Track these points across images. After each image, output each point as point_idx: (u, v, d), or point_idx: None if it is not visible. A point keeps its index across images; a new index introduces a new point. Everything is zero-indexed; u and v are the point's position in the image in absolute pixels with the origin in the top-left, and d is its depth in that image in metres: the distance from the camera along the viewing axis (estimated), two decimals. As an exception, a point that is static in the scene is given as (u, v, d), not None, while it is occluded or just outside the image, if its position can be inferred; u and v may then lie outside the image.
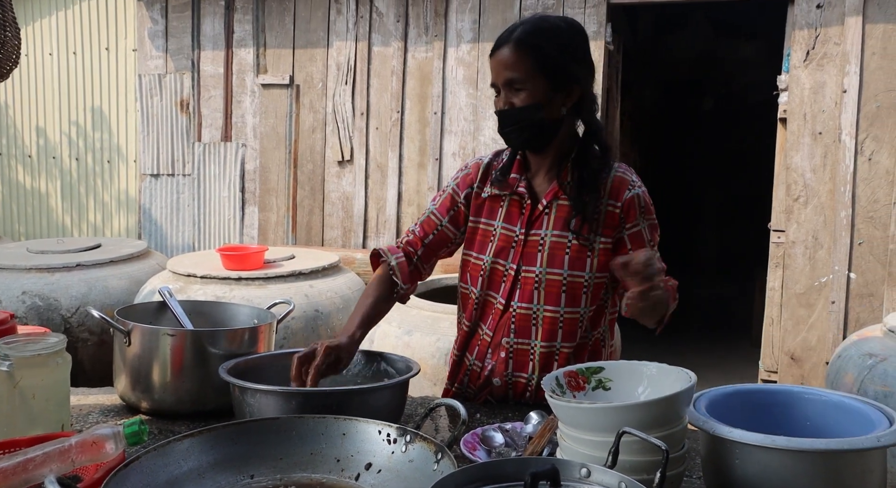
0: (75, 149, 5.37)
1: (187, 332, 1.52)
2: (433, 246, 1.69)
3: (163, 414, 1.53)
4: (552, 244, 1.56)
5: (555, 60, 1.48)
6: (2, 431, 1.20)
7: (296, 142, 4.68)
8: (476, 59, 4.27)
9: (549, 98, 1.49)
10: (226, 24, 4.78)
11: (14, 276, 3.82)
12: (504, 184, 1.61)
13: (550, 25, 1.52)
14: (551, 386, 1.15)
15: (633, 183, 1.57)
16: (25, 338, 1.24)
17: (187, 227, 5.00)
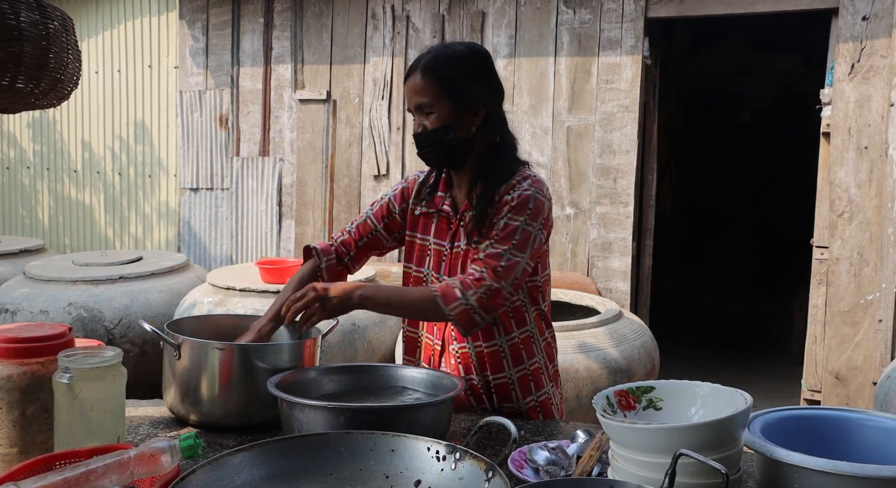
0: (118, 164, 5.51)
1: (236, 347, 1.54)
2: (365, 248, 1.82)
3: (211, 427, 1.55)
4: (464, 253, 1.67)
5: (457, 84, 1.58)
6: (62, 442, 1.23)
7: (332, 157, 4.74)
8: (512, 74, 4.29)
9: (457, 119, 1.59)
10: (264, 40, 4.88)
11: (61, 288, 3.93)
12: (431, 202, 1.72)
13: (453, 52, 1.63)
14: (602, 405, 1.14)
15: (519, 186, 1.60)
16: (84, 351, 1.27)
17: (225, 240, 5.08)
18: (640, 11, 4.01)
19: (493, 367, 1.69)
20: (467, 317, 1.52)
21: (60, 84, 1.40)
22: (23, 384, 1.26)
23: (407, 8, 4.51)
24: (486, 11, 4.32)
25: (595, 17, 4.10)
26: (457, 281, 1.54)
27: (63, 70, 1.39)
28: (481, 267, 1.55)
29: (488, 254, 1.56)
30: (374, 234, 1.80)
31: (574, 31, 4.15)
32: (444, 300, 1.52)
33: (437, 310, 1.53)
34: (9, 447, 1.26)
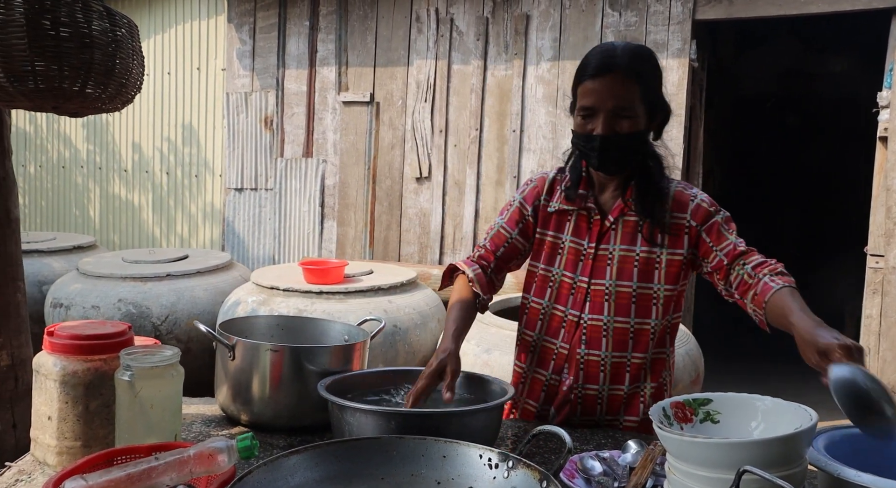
0: (166, 164, 5.63)
1: (287, 348, 1.55)
2: (504, 258, 1.72)
3: (261, 427, 1.57)
4: (620, 257, 1.60)
5: (654, 89, 1.54)
6: (123, 437, 1.26)
7: (375, 159, 4.77)
8: (556, 77, 4.26)
9: (648, 124, 1.55)
10: (310, 43, 4.94)
11: (111, 284, 4.03)
12: (574, 199, 1.64)
13: (646, 54, 1.56)
14: (659, 416, 1.12)
15: (693, 194, 1.61)
16: (143, 349, 1.30)
17: (268, 240, 5.15)
18: (687, 13, 3.95)
19: (633, 378, 1.63)
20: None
21: (125, 89, 1.44)
22: (86, 380, 1.30)
23: (451, 11, 4.52)
24: (531, 14, 4.30)
25: (641, 20, 4.05)
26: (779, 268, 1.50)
27: (128, 75, 1.42)
28: (756, 254, 1.54)
29: (749, 249, 1.55)
30: (511, 242, 1.71)
31: (619, 34, 4.11)
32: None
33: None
34: (73, 440, 1.30)
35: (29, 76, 1.27)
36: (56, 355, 1.30)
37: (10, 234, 1.85)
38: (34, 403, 1.33)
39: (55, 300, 4.02)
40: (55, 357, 1.30)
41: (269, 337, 1.80)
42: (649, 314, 1.60)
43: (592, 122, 1.51)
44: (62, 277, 4.31)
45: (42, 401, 1.31)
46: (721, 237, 1.57)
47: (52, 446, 1.30)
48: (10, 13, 1.22)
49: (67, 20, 1.29)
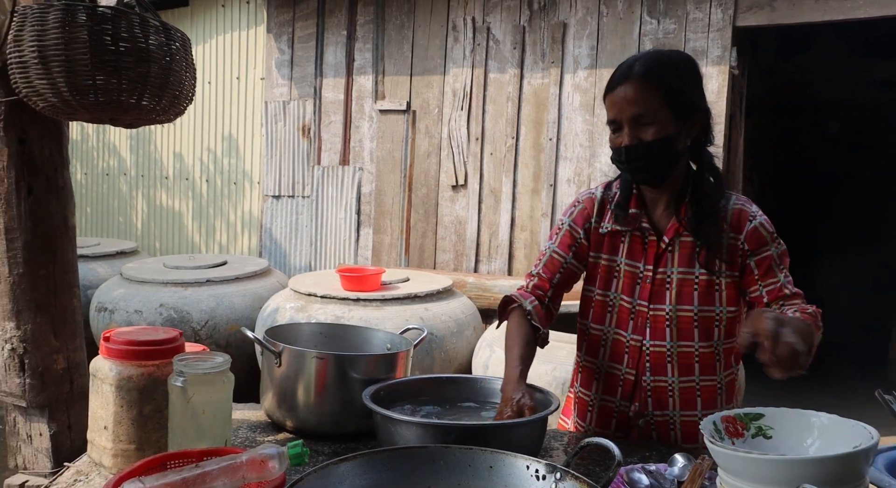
0: (207, 172, 5.74)
1: (332, 356, 1.57)
2: (561, 284, 1.68)
3: (305, 433, 1.59)
4: (679, 281, 1.54)
5: (680, 92, 1.47)
6: (175, 442, 1.29)
7: (411, 167, 4.80)
8: (593, 85, 4.24)
9: (677, 130, 1.48)
10: (347, 52, 4.99)
11: (154, 289, 4.12)
12: (625, 219, 1.58)
13: (669, 58, 1.52)
14: (710, 430, 1.11)
15: (752, 214, 1.54)
16: (195, 355, 1.33)
17: (305, 247, 5.22)
18: (727, 20, 3.90)
19: (706, 403, 1.59)
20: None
21: (178, 101, 1.48)
22: (140, 384, 1.33)
23: (487, 20, 4.53)
24: (568, 22, 4.30)
25: (680, 27, 4.02)
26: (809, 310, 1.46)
27: (181, 87, 1.46)
28: (801, 300, 1.52)
29: (792, 284, 1.53)
30: (567, 267, 1.66)
31: (658, 42, 4.08)
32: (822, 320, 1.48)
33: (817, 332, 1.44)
34: (128, 443, 1.33)
35: (90, 90, 1.31)
36: (112, 360, 1.34)
37: (67, 242, 1.91)
38: (91, 406, 1.37)
39: (100, 304, 4.12)
40: (111, 362, 1.34)
41: (312, 344, 1.82)
42: (712, 336, 1.56)
43: (620, 134, 1.49)
44: (106, 282, 4.41)
45: (98, 405, 1.35)
46: (770, 273, 1.52)
47: (108, 448, 1.34)
48: (75, 31, 1.26)
49: (126, 36, 1.33)
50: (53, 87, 1.30)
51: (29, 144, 1.81)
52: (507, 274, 4.54)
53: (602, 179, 4.24)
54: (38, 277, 1.86)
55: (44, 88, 1.31)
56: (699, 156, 1.56)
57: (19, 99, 1.46)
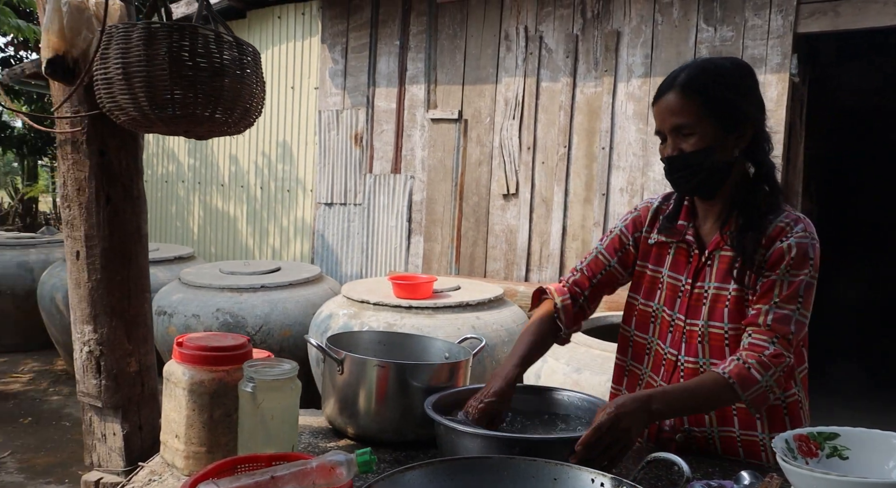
0: (261, 178, 5.87)
1: (394, 365, 1.59)
2: (600, 286, 1.68)
3: (366, 440, 1.62)
4: (713, 296, 1.50)
5: (723, 101, 1.43)
6: (245, 446, 1.32)
7: (462, 175, 4.82)
8: (647, 93, 4.20)
9: (721, 141, 1.43)
10: (399, 62, 5.05)
11: (210, 295, 4.22)
12: (671, 231, 1.57)
13: (715, 66, 1.47)
14: (782, 448, 1.09)
15: (793, 232, 1.44)
16: (264, 362, 1.37)
17: (356, 254, 5.28)
18: (788, 27, 3.82)
19: (743, 422, 1.53)
20: (764, 399, 1.38)
21: (249, 113, 1.52)
22: (211, 389, 1.37)
23: (540, 29, 4.53)
24: (622, 31, 4.27)
25: (738, 35, 3.95)
26: (752, 360, 1.37)
27: (252, 100, 1.51)
28: (770, 336, 1.39)
29: (776, 317, 1.40)
30: (609, 270, 1.66)
31: (714, 49, 4.01)
32: (743, 387, 1.36)
33: (733, 398, 1.38)
34: (199, 446, 1.37)
35: (168, 104, 1.36)
36: (185, 365, 1.39)
37: (140, 249, 1.99)
38: (164, 409, 1.42)
39: (159, 308, 4.24)
40: (184, 366, 1.39)
41: (371, 352, 1.85)
42: None
43: (665, 144, 1.48)
44: (165, 286, 4.55)
45: (171, 408, 1.40)
46: (765, 297, 1.42)
47: (180, 450, 1.38)
48: (156, 48, 1.32)
49: (203, 51, 1.38)
50: (135, 102, 1.36)
51: (108, 156, 1.89)
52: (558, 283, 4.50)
53: (655, 189, 4.18)
54: (114, 283, 1.94)
55: (126, 103, 1.37)
56: (757, 167, 1.50)
57: (101, 113, 1.53)
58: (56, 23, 1.46)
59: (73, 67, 1.52)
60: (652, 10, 4.17)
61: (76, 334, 1.97)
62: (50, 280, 5.09)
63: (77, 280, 1.92)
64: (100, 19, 1.38)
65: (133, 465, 1.93)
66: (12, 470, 3.58)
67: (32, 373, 5.21)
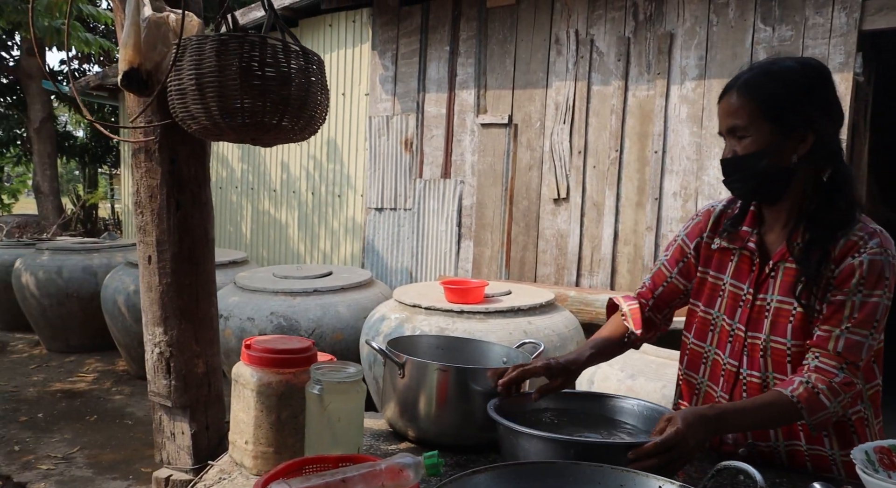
0: (312, 184, 5.97)
1: (455, 369, 1.60)
2: (663, 298, 1.66)
3: (426, 443, 1.63)
4: (776, 310, 1.43)
5: (782, 104, 1.36)
6: (312, 447, 1.35)
7: (512, 180, 4.82)
8: (701, 96, 4.13)
9: (776, 145, 1.36)
10: (449, 68, 5.08)
11: (265, 298, 4.31)
12: (734, 236, 1.52)
13: (779, 67, 1.39)
14: (862, 460, 1.05)
15: (867, 248, 1.34)
16: (329, 365, 1.39)
17: (406, 258, 5.32)
18: (852, 24, 3.70)
19: (811, 437, 1.47)
20: (828, 422, 1.35)
21: (313, 120, 1.55)
22: (279, 391, 1.40)
23: (591, 32, 4.50)
24: (675, 33, 4.20)
25: (797, 34, 3.85)
26: (821, 385, 1.32)
27: (317, 108, 1.54)
28: (839, 362, 1.33)
29: (847, 344, 1.33)
30: (670, 282, 1.64)
31: (772, 50, 3.92)
32: (810, 412, 1.32)
33: (797, 419, 1.35)
34: (266, 446, 1.40)
35: (238, 113, 1.41)
36: (253, 367, 1.42)
37: (207, 254, 2.05)
38: (232, 410, 1.45)
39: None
40: (252, 368, 1.42)
41: (430, 356, 1.86)
42: None
43: (726, 147, 1.45)
44: (221, 290, 4.65)
45: (240, 408, 1.43)
46: (833, 319, 1.34)
47: (249, 450, 1.41)
48: (227, 59, 1.36)
49: (271, 61, 1.42)
50: (207, 111, 1.40)
51: (178, 163, 1.96)
52: (609, 288, 4.46)
53: (710, 193, 4.11)
54: (184, 286, 2.00)
55: (198, 112, 1.42)
56: (831, 174, 1.41)
57: (172, 122, 1.58)
58: (133, 37, 1.52)
59: (147, 79, 1.59)
60: (707, 10, 4.09)
61: (147, 335, 2.04)
62: (112, 283, 5.26)
63: (148, 283, 1.99)
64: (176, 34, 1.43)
65: (200, 463, 2.00)
66: (82, 464, 3.72)
67: (96, 373, 5.40)
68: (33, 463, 3.71)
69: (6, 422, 4.29)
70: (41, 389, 4.96)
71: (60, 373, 5.36)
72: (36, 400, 4.73)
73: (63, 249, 5.98)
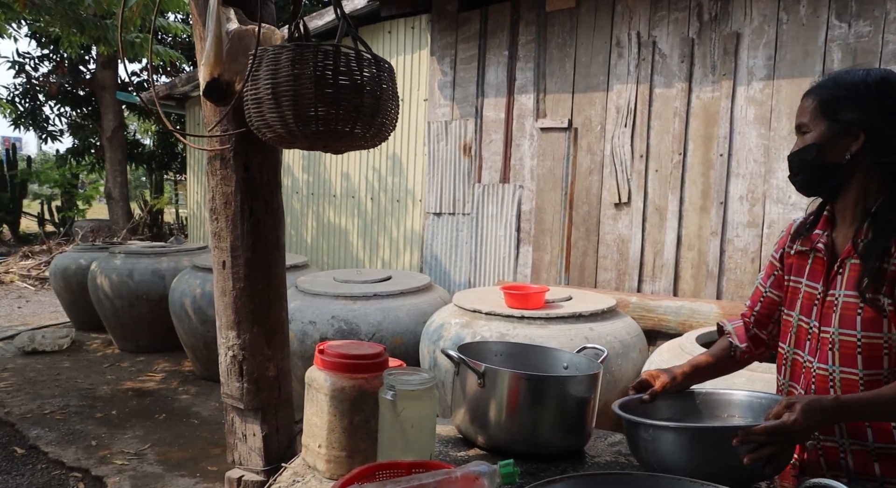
0: (371, 190, 6.04)
1: (528, 376, 1.59)
2: (763, 313, 1.72)
3: (496, 450, 1.62)
4: (844, 304, 1.48)
5: (838, 104, 1.47)
6: (385, 453, 1.36)
7: (572, 184, 4.77)
8: (769, 97, 4.00)
9: (829, 141, 1.47)
10: (508, 72, 5.07)
11: (326, 302, 4.38)
12: (808, 240, 1.59)
13: (847, 73, 1.49)
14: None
15: None
16: (402, 371, 1.40)
17: (464, 264, 5.32)
18: (933, 21, 3.53)
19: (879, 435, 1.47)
20: None
21: (384, 128, 1.57)
22: (352, 396, 1.42)
23: (653, 34, 4.42)
24: (742, 32, 4.09)
25: (876, 30, 3.69)
26: None
27: (388, 115, 1.55)
28: None
29: None
30: (766, 297, 1.70)
31: (848, 47, 3.77)
32: None
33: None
34: (339, 450, 1.42)
35: (312, 121, 1.43)
36: (326, 371, 1.44)
37: (278, 259, 2.09)
38: (305, 414, 1.48)
39: (280, 314, 4.43)
40: (325, 373, 1.44)
41: (496, 363, 1.85)
42: (881, 365, 1.44)
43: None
44: (284, 293, 4.75)
45: (313, 412, 1.45)
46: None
47: (322, 454, 1.43)
48: (303, 68, 1.39)
49: (345, 69, 1.44)
50: (282, 120, 1.43)
51: (252, 171, 2.01)
52: (672, 294, 4.36)
53: (779, 197, 3.97)
54: (256, 291, 2.05)
55: (273, 121, 1.45)
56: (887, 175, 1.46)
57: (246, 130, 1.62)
58: (215, 48, 1.57)
59: (226, 89, 1.63)
60: (776, 8, 3.97)
61: (221, 339, 2.10)
62: (179, 286, 5.44)
63: (223, 288, 2.05)
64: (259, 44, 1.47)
65: (270, 465, 2.04)
66: (152, 461, 3.85)
67: (164, 373, 5.58)
68: (109, 458, 3.86)
69: (84, 418, 4.48)
70: (114, 387, 5.16)
71: (131, 372, 5.56)
72: (109, 397, 4.93)
73: (134, 253, 6.21)
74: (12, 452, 3.95)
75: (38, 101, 13.78)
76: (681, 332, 3.94)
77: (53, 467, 3.76)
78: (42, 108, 13.89)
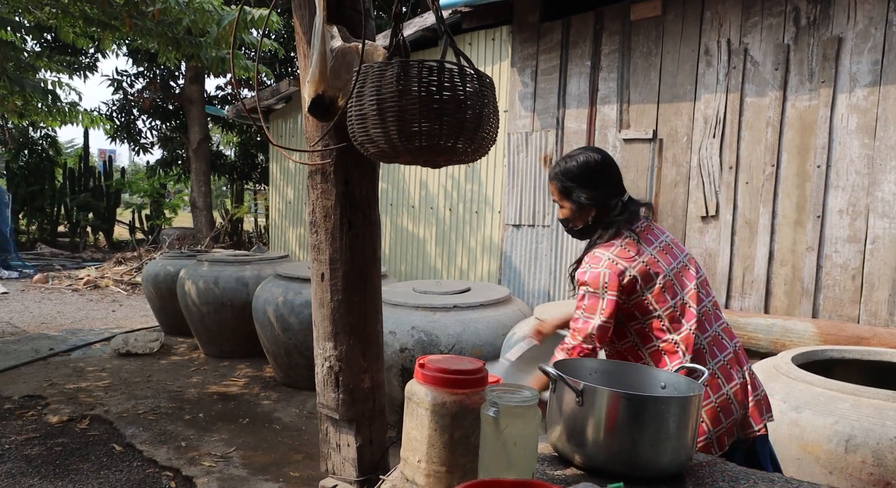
0: (450, 201, 6.07)
1: (626, 395, 1.54)
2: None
3: (594, 470, 1.58)
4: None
5: (571, 191, 2.02)
6: (487, 470, 1.34)
7: (656, 196, 4.65)
8: (875, 104, 3.79)
9: (575, 214, 1.76)
10: (590, 83, 5.00)
11: (406, 312, 4.41)
12: None
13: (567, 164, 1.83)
14: None
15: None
16: (503, 387, 1.38)
17: (543, 275, 5.26)
18: None
19: None
20: None
21: (485, 142, 1.56)
22: (452, 411, 1.41)
23: (745, 41, 4.27)
24: (844, 37, 3.90)
25: None
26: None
27: (489, 130, 1.55)
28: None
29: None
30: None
31: (961, 52, 3.54)
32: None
33: None
34: (439, 465, 1.42)
35: (416, 136, 1.44)
36: (427, 386, 1.44)
37: (375, 272, 2.12)
38: (405, 427, 1.48)
39: (361, 323, 4.49)
40: (426, 387, 1.44)
41: (588, 379, 1.81)
42: None
43: None
44: (365, 303, 4.81)
45: (413, 426, 1.45)
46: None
47: (421, 468, 1.43)
48: (407, 84, 1.40)
49: (448, 85, 1.44)
50: (386, 135, 1.45)
51: (351, 185, 2.04)
52: (763, 311, 4.18)
53: (884, 210, 3.75)
54: (353, 303, 2.08)
55: (377, 136, 1.47)
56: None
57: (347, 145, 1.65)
58: (319, 66, 1.61)
59: (329, 105, 1.67)
60: (884, 9, 3.76)
61: (318, 350, 2.14)
62: (262, 294, 5.59)
63: (321, 300, 2.09)
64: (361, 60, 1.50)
65: (363, 476, 2.05)
66: (238, 464, 3.96)
67: (246, 378, 5.75)
68: (197, 460, 3.99)
69: (174, 419, 4.66)
70: (200, 390, 5.35)
71: (216, 377, 5.76)
72: (196, 400, 5.11)
73: (219, 261, 6.44)
74: (111, 449, 4.15)
75: (132, 116, 14.59)
76: (772, 351, 3.77)
77: (147, 465, 3.92)
78: (135, 122, 14.70)
